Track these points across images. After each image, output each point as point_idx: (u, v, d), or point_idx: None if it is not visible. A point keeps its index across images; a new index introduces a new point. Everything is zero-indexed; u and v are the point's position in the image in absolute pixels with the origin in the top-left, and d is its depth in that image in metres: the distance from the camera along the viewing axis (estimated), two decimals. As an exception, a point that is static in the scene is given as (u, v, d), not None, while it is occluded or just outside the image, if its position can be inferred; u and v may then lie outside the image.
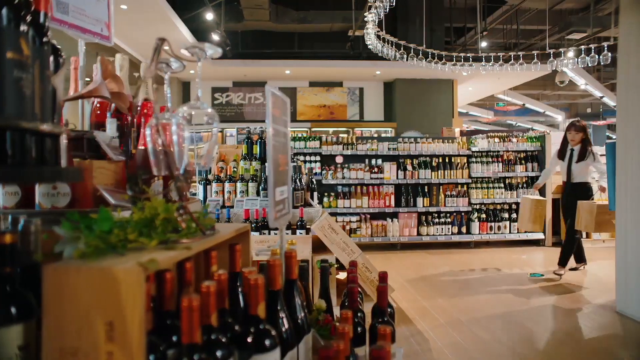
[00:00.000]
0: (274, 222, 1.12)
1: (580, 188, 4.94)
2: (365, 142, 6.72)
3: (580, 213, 4.72)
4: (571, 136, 4.92)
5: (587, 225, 4.66)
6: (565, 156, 5.02)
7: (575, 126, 4.93)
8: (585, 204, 4.72)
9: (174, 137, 1.00)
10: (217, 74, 11.57)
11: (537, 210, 5.17)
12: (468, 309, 3.91)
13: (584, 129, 4.91)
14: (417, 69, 9.21)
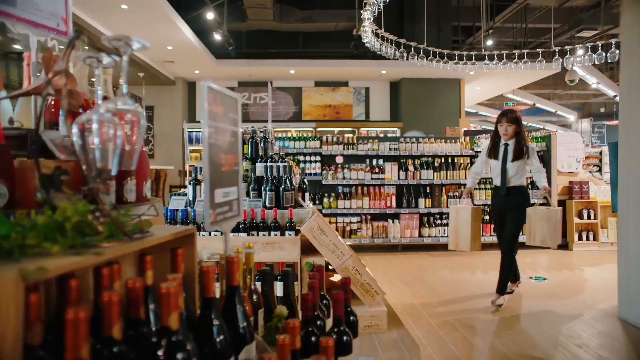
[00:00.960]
0: (211, 225, 1.06)
1: (518, 193, 4.00)
2: (366, 142, 6.63)
3: (534, 224, 3.82)
4: (503, 129, 3.99)
5: (551, 237, 3.77)
6: (499, 154, 4.04)
7: (507, 116, 3.98)
8: (541, 211, 3.83)
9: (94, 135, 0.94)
10: (222, 74, 11.57)
11: (477, 223, 4.09)
12: (464, 313, 3.81)
13: (518, 120, 3.97)
14: (423, 69, 9.10)
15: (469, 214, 3.99)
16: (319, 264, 3.34)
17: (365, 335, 3.31)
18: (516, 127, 3.96)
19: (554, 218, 3.70)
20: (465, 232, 4.01)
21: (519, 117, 4.01)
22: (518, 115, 4.02)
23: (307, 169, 6.55)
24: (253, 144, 3.84)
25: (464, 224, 3.99)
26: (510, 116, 3.98)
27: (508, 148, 4.00)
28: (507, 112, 4.02)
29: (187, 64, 10.40)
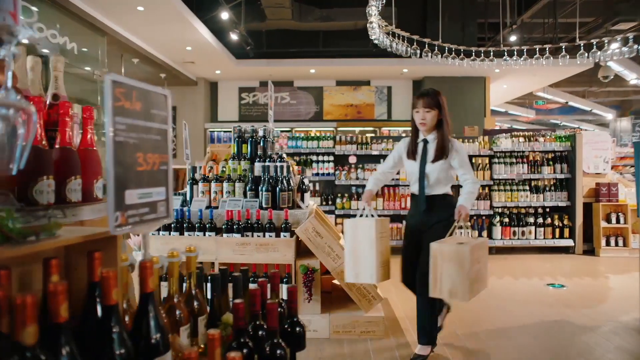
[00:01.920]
0: (118, 228, 0.98)
1: (442, 206, 2.92)
2: (380, 142, 6.48)
3: (441, 266, 2.38)
4: (419, 116, 2.83)
5: (462, 286, 2.34)
6: (417, 152, 2.91)
7: (423, 98, 2.83)
8: (450, 249, 2.37)
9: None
10: (243, 74, 11.62)
11: (384, 241, 2.82)
12: (468, 321, 3.63)
13: (440, 104, 2.81)
14: (447, 67, 8.83)
15: (372, 230, 2.64)
16: (312, 267, 3.26)
17: (360, 341, 3.20)
18: (438, 114, 2.81)
19: (464, 258, 2.27)
20: (367, 256, 2.68)
21: (442, 100, 2.84)
22: (441, 97, 2.84)
23: (320, 169, 6.46)
24: (252, 144, 3.78)
25: (366, 244, 2.68)
26: (429, 98, 2.80)
27: (428, 145, 2.87)
28: (425, 93, 2.85)
29: (207, 65, 10.49)
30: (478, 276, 2.43)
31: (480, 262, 2.38)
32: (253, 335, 1.23)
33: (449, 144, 2.83)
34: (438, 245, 2.41)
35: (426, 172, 2.87)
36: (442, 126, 2.85)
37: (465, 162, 2.87)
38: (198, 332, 1.32)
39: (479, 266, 2.38)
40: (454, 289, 2.35)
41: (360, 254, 2.73)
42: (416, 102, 2.87)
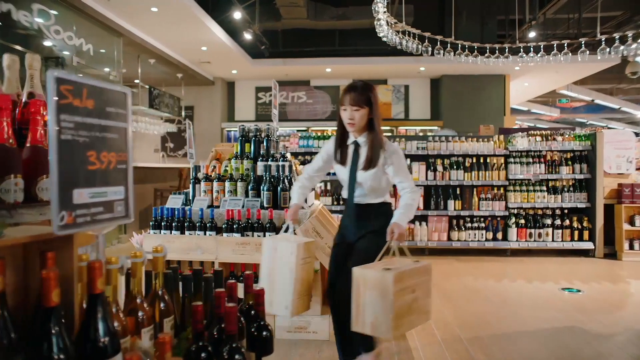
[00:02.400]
0: (63, 228, 0.96)
1: (377, 214, 2.48)
2: (392, 141, 6.37)
3: (361, 295, 1.98)
4: (347, 115, 2.37)
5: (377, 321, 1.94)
6: (347, 156, 2.50)
7: (351, 94, 2.36)
8: (374, 276, 1.95)
9: None
10: (259, 74, 11.68)
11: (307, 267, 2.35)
12: (474, 325, 3.53)
13: (370, 101, 2.36)
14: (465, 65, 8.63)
15: (293, 257, 2.24)
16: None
17: (360, 344, 3.13)
18: (368, 112, 2.35)
19: (387, 288, 1.87)
20: (285, 285, 2.27)
21: (374, 96, 2.38)
22: (373, 92, 2.38)
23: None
24: (255, 143, 3.76)
25: (285, 271, 2.28)
26: (357, 94, 2.34)
27: (360, 150, 2.44)
28: (353, 87, 2.38)
29: (223, 65, 10.57)
30: (412, 308, 2.00)
31: (417, 291, 1.98)
32: (216, 339, 1.20)
33: (380, 150, 2.37)
34: (361, 271, 1.97)
35: (358, 181, 2.44)
36: (374, 127, 2.38)
37: (402, 168, 2.43)
38: (164, 334, 1.30)
39: (414, 296, 1.97)
40: (376, 323, 1.93)
41: (277, 281, 2.29)
42: (343, 97, 2.38)
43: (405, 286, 1.92)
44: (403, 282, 1.91)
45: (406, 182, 2.43)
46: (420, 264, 2.07)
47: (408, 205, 2.38)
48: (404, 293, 1.91)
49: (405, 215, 2.35)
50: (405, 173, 2.45)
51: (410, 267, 2.00)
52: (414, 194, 2.42)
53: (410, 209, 2.38)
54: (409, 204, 2.38)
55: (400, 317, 1.92)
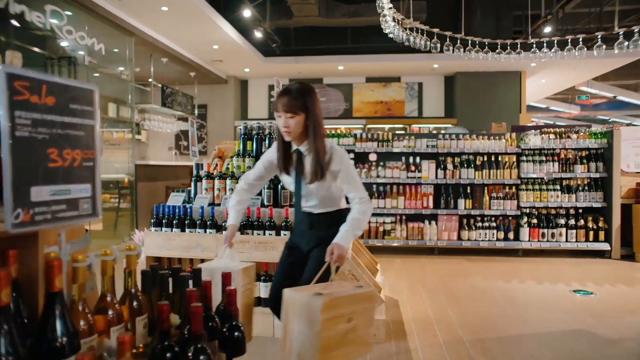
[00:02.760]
0: (17, 226, 0.95)
1: (333, 221, 2.22)
2: (402, 139, 6.31)
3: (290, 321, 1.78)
4: (282, 122, 2.12)
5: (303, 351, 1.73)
6: (290, 166, 2.26)
7: (284, 98, 2.10)
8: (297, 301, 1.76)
9: None
10: (272, 72, 11.68)
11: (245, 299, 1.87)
12: (479, 327, 3.45)
13: (306, 106, 2.10)
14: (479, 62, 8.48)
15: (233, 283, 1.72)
16: (311, 267, 3.19)
17: (359, 344, 3.10)
18: (305, 118, 2.10)
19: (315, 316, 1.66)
20: None
21: (312, 100, 2.12)
22: (310, 96, 2.11)
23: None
24: (258, 141, 3.75)
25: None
26: (291, 99, 2.08)
27: (304, 159, 2.19)
28: (287, 91, 2.12)
29: (235, 63, 10.61)
30: (347, 339, 1.77)
31: (354, 320, 1.75)
32: (186, 339, 1.19)
33: (324, 161, 2.11)
34: (291, 294, 1.78)
35: (303, 194, 2.24)
36: (316, 136, 2.10)
37: (350, 175, 2.17)
38: (136, 332, 1.29)
39: (350, 326, 1.74)
40: (302, 353, 1.72)
41: None
42: (276, 103, 2.13)
43: (338, 314, 1.70)
44: (336, 310, 1.69)
45: (355, 191, 2.17)
46: (361, 290, 1.83)
47: (355, 220, 2.11)
48: (336, 322, 1.69)
49: (350, 232, 2.09)
50: (354, 181, 2.18)
51: (347, 293, 1.76)
52: (365, 205, 2.15)
53: (358, 224, 2.11)
54: (357, 219, 2.11)
55: (330, 350, 1.69)
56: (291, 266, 2.34)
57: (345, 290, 1.80)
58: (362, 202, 2.15)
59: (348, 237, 2.08)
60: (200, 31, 7.94)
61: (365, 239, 6.17)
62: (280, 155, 2.25)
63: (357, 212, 2.13)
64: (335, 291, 1.76)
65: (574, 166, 6.00)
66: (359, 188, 2.18)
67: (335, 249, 2.02)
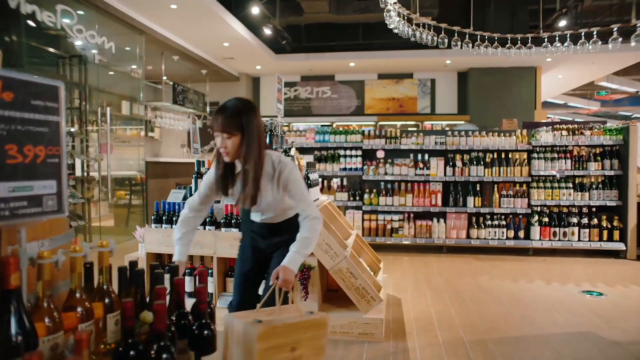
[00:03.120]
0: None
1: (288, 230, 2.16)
2: (410, 136, 6.23)
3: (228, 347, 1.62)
4: (219, 142, 1.97)
5: None
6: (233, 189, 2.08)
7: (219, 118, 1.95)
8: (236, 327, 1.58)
9: None
10: (283, 69, 11.67)
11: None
12: (481, 327, 3.39)
13: (242, 126, 1.93)
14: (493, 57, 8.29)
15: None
16: (308, 264, 3.18)
17: (356, 343, 3.07)
18: (240, 139, 1.94)
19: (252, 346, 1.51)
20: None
21: (250, 118, 1.94)
22: (248, 115, 1.94)
23: (347, 163, 6.33)
24: (259, 138, 3.73)
25: None
26: (226, 119, 1.93)
27: (248, 176, 1.99)
28: (223, 109, 1.97)
29: (247, 60, 10.64)
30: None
31: (299, 349, 1.64)
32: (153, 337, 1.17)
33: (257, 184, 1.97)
34: (230, 319, 1.64)
35: (259, 210, 2.16)
36: (249, 158, 1.93)
37: (298, 191, 2.03)
38: (107, 329, 1.28)
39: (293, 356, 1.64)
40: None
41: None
42: (212, 120, 1.97)
43: (278, 344, 1.59)
44: (276, 339, 1.59)
45: (305, 206, 2.03)
46: (310, 317, 1.70)
47: (305, 239, 1.98)
48: (276, 352, 1.59)
49: (299, 254, 1.95)
50: (303, 196, 2.04)
51: (291, 320, 1.64)
52: (314, 221, 2.01)
53: (307, 244, 1.98)
54: (307, 238, 1.98)
55: None
56: (255, 273, 2.28)
57: (291, 317, 1.68)
58: (312, 219, 2.01)
59: (297, 259, 1.95)
60: (209, 28, 7.97)
61: (373, 236, 6.13)
62: (219, 177, 2.05)
63: (307, 230, 2.00)
64: (278, 318, 1.65)
65: (588, 163, 5.84)
66: (308, 202, 2.05)
67: (281, 272, 1.88)
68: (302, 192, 2.06)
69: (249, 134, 1.93)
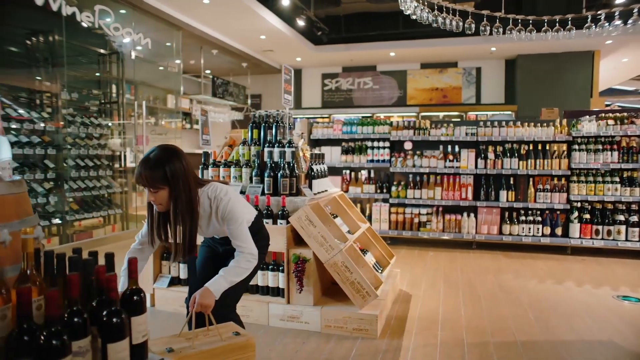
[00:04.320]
0: None
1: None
2: (440, 127, 5.99)
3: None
4: (149, 196, 1.90)
5: None
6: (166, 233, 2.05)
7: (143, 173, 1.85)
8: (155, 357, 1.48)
9: None
10: (324, 60, 11.63)
11: None
12: (487, 328, 3.20)
13: (167, 178, 1.85)
14: (543, 42, 7.82)
15: None
16: (303, 257, 3.15)
17: (350, 339, 3.01)
18: (169, 191, 1.87)
19: None
20: None
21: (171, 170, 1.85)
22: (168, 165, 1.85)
23: (375, 155, 6.20)
24: (264, 129, 3.73)
25: None
26: (149, 172, 1.84)
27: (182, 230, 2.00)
28: (145, 162, 1.86)
29: (286, 52, 10.69)
30: None
31: None
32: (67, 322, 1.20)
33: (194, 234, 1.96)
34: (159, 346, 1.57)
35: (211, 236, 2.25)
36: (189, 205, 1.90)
37: (234, 226, 2.01)
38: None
39: None
40: None
41: None
42: (137, 176, 1.88)
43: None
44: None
45: (240, 242, 2.01)
46: (232, 340, 1.62)
47: (236, 268, 1.97)
48: None
49: (225, 280, 1.93)
50: (239, 233, 2.01)
51: (209, 347, 1.55)
52: (249, 258, 2.00)
53: (237, 273, 1.97)
54: (238, 267, 1.97)
55: None
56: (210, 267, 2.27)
57: (210, 342, 1.60)
58: (246, 254, 2.00)
59: (222, 283, 1.92)
60: (243, 22, 8.07)
61: (400, 230, 5.98)
62: (150, 226, 2.00)
63: (240, 261, 1.98)
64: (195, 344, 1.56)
65: (638, 155, 5.32)
66: (243, 239, 2.01)
67: (199, 296, 1.85)
68: (238, 227, 2.01)
69: (175, 185, 1.86)
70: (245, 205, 2.26)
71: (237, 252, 2.02)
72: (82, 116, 6.01)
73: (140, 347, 1.46)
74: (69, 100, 5.84)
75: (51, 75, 5.78)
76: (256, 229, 2.22)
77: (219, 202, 2.00)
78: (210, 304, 1.84)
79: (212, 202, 2.01)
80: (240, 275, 1.98)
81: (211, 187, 2.04)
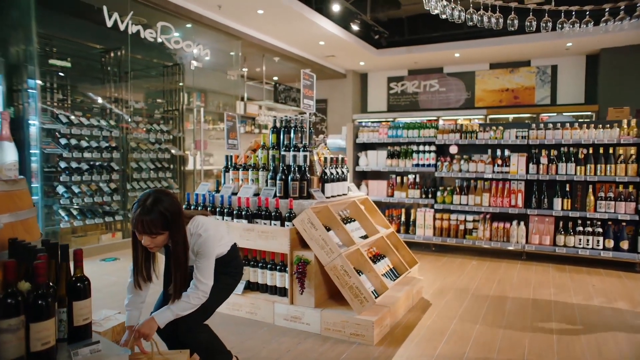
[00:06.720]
0: None
1: (223, 265, 2.34)
2: (488, 130, 5.67)
3: None
4: (145, 242, 1.97)
5: None
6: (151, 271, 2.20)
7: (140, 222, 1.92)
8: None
9: None
10: (387, 64, 11.52)
11: None
12: (495, 345, 2.98)
13: (168, 224, 1.95)
14: (631, 33, 6.99)
15: None
16: (304, 259, 3.21)
17: (346, 343, 2.99)
18: (166, 236, 1.99)
19: None
20: None
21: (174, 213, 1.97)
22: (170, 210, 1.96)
23: (420, 159, 6.04)
24: (284, 134, 3.82)
25: None
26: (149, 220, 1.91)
27: (177, 268, 2.12)
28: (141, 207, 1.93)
29: (348, 57, 10.76)
30: None
31: None
32: None
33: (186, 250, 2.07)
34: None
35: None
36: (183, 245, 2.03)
37: (202, 263, 2.11)
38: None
39: None
40: None
41: None
42: (132, 219, 1.97)
43: None
44: None
45: (201, 277, 2.09)
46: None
47: (184, 303, 2.05)
48: None
49: (172, 312, 2.02)
50: (206, 273, 2.11)
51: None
52: (200, 294, 2.08)
53: (184, 308, 2.04)
54: (188, 303, 2.05)
55: None
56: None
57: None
58: (198, 291, 2.08)
59: (167, 315, 2.02)
60: (299, 29, 8.30)
61: (444, 237, 5.76)
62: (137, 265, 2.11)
63: (191, 296, 2.07)
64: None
65: None
66: (206, 277, 2.11)
67: (141, 325, 1.98)
68: (206, 263, 2.12)
69: (176, 229, 2.00)
70: (223, 237, 2.36)
71: (193, 285, 2.09)
72: (147, 123, 6.61)
73: (82, 328, 1.65)
74: (135, 108, 6.46)
75: (119, 86, 6.44)
76: (229, 258, 2.37)
77: (197, 238, 2.12)
78: (149, 333, 1.97)
79: (192, 237, 2.12)
80: (187, 310, 2.06)
81: (194, 223, 2.14)
